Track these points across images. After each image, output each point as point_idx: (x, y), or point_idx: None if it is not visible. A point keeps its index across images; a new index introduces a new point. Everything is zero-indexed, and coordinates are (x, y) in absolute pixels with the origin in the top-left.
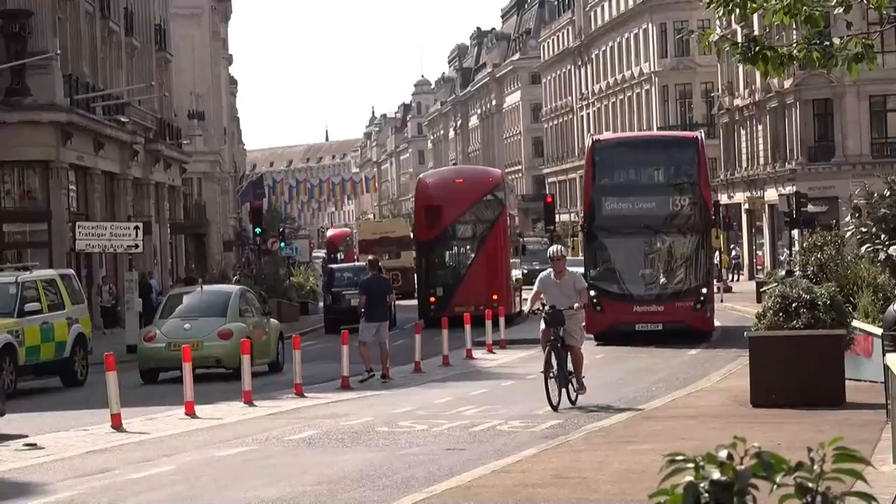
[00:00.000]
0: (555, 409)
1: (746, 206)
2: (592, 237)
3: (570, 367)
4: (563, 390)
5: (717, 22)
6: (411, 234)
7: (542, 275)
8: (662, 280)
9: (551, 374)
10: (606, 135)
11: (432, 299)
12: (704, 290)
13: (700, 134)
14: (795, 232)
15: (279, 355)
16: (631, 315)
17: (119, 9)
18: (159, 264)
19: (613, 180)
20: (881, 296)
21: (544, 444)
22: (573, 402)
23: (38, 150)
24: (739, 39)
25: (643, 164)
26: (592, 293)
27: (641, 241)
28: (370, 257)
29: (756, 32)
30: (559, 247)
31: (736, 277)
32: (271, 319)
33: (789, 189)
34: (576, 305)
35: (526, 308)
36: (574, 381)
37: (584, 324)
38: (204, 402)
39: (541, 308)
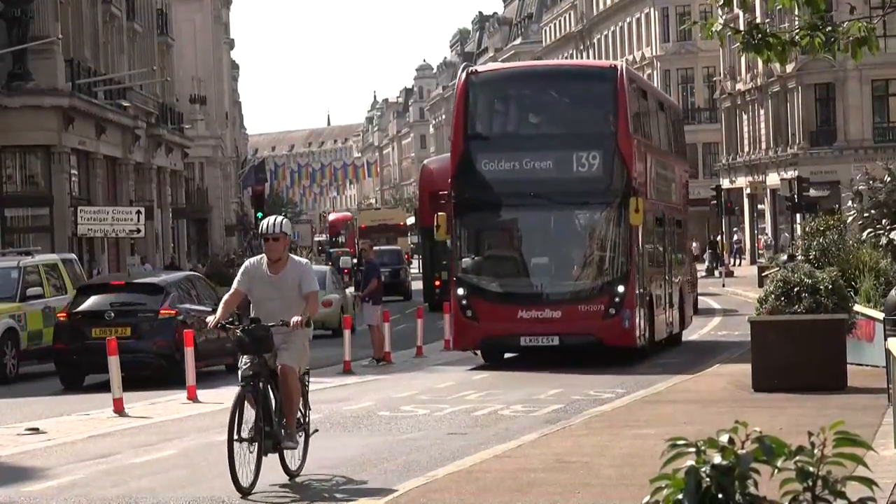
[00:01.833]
0: (245, 494)
1: (748, 190)
2: (461, 211)
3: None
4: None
5: (720, 11)
6: (408, 222)
7: (247, 263)
8: (561, 274)
9: (241, 436)
10: (486, 65)
11: (437, 283)
12: (622, 289)
13: (622, 65)
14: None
15: None
16: (515, 324)
17: None
18: (161, 249)
19: (493, 130)
20: (883, 280)
21: (546, 428)
22: (293, 474)
23: (40, 135)
24: (741, 26)
25: (536, 106)
26: (461, 292)
27: (532, 218)
28: (362, 244)
29: (758, 20)
30: (279, 218)
31: (738, 262)
32: None
33: (791, 174)
34: (294, 320)
35: (210, 320)
36: (286, 431)
37: (309, 340)
38: (206, 388)
39: (234, 322)
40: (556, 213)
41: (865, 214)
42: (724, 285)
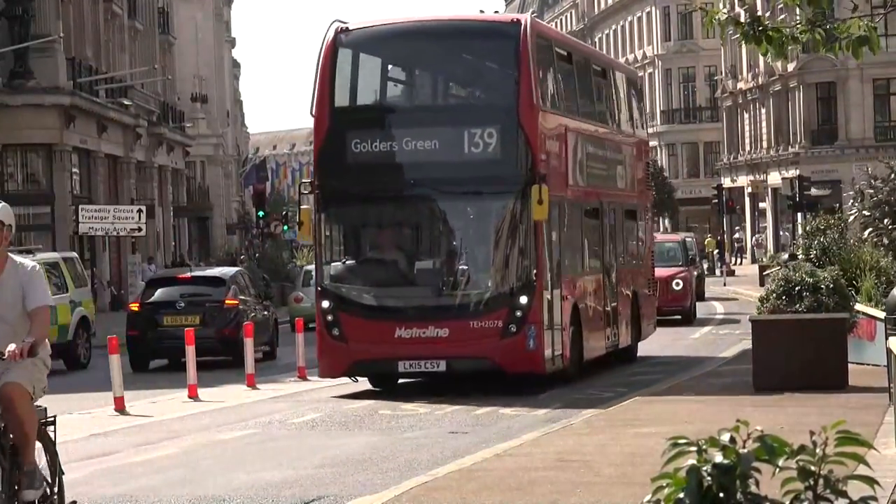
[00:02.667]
0: None
1: (749, 189)
2: (326, 205)
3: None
4: None
5: (721, 3)
6: None
7: None
8: (450, 282)
9: None
10: (360, 21)
11: None
12: (524, 300)
13: (528, 18)
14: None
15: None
16: (392, 345)
17: None
18: (162, 248)
19: (365, 101)
20: (884, 279)
21: (547, 427)
22: None
23: (42, 133)
24: (743, 20)
25: (420, 71)
26: (326, 305)
27: (413, 212)
28: None
29: (759, 13)
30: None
31: (739, 261)
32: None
33: (792, 172)
34: (9, 349)
35: None
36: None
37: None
38: (206, 386)
39: None
40: (443, 206)
41: (866, 213)
42: (725, 284)
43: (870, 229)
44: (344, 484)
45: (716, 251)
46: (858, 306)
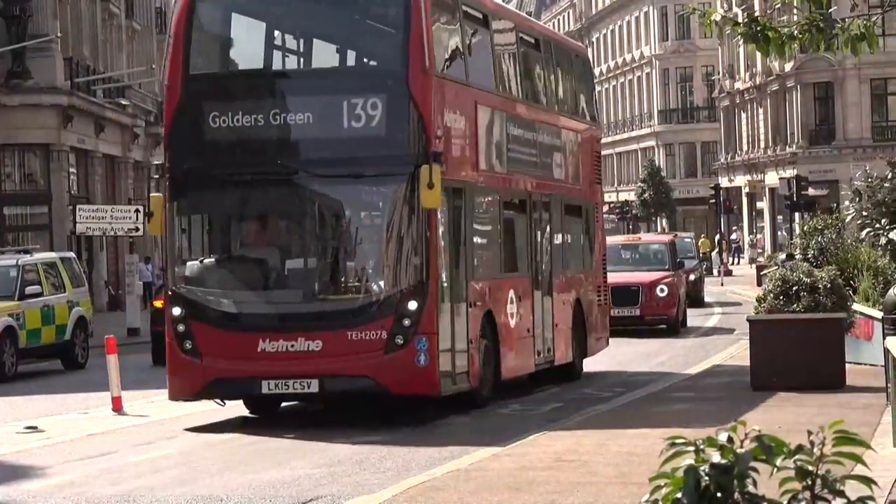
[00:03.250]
0: None
1: (747, 189)
2: (178, 192)
3: None
4: None
5: (719, 3)
6: None
7: None
8: (323, 285)
9: None
10: None
11: None
12: (414, 306)
13: None
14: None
15: None
16: (253, 361)
17: None
18: (159, 247)
19: (224, 67)
20: (881, 279)
21: (545, 427)
22: None
23: (39, 133)
24: (740, 20)
25: (290, 32)
26: (177, 312)
27: (280, 200)
28: None
29: (757, 14)
30: None
31: (736, 261)
32: None
33: (790, 172)
34: None
35: None
36: None
37: None
38: None
39: None
40: (318, 192)
41: (864, 213)
42: (722, 284)
43: (867, 229)
44: (341, 484)
45: (715, 251)
46: (856, 306)
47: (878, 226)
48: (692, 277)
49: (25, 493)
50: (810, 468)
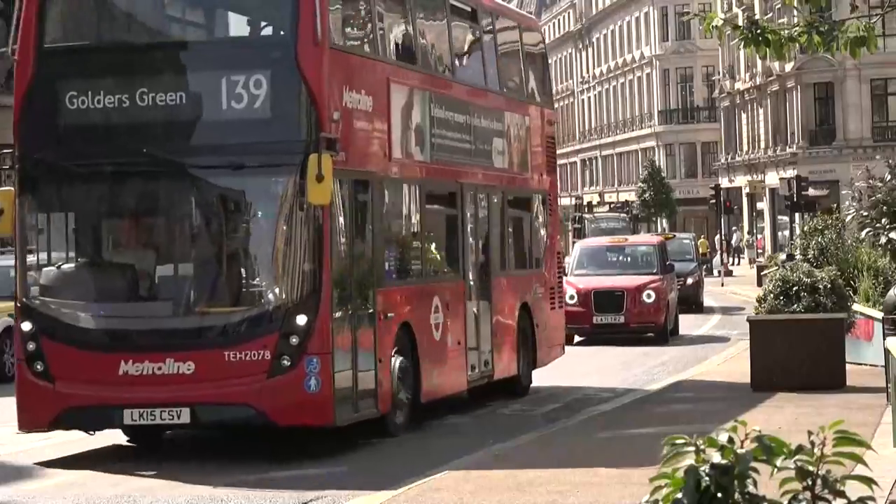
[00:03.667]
0: None
1: (747, 189)
2: (29, 185)
3: None
4: None
5: (720, 5)
6: None
7: None
8: (197, 295)
9: None
10: None
11: None
12: (303, 320)
13: None
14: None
15: None
16: (114, 386)
17: None
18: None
19: (83, 39)
20: (881, 279)
21: (545, 427)
22: None
23: None
24: (741, 22)
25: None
26: (27, 328)
27: (147, 195)
28: None
29: (757, 16)
30: None
31: (736, 261)
32: None
33: (790, 173)
34: None
35: None
36: None
37: None
38: None
39: None
40: (190, 187)
41: (864, 213)
42: (722, 285)
43: (867, 229)
44: (343, 484)
45: (719, 251)
46: (856, 306)
47: (878, 226)
48: (689, 281)
49: (25, 494)
50: (811, 468)
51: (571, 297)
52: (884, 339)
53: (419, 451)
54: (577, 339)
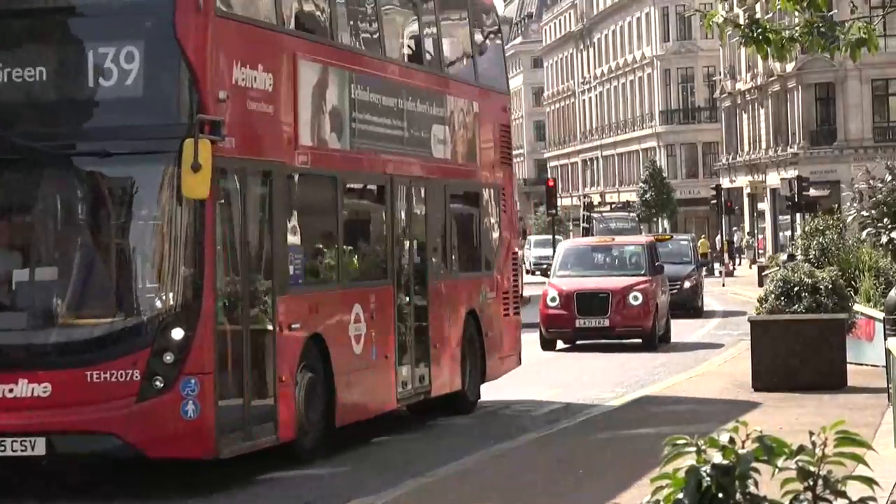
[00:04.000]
0: None
1: (748, 190)
2: None
3: None
4: None
5: (721, 5)
6: None
7: None
8: (54, 304)
9: None
10: None
11: None
12: (178, 335)
13: None
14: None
15: None
16: None
17: None
18: None
19: None
20: (882, 280)
21: (546, 428)
22: None
23: None
24: (742, 22)
25: None
26: None
27: (1, 186)
28: None
29: (758, 16)
30: None
31: (739, 262)
32: None
33: (791, 173)
34: None
35: None
36: None
37: None
38: None
39: None
40: (48, 177)
41: (865, 214)
42: (724, 285)
43: (868, 229)
44: (344, 484)
45: (721, 252)
46: (857, 307)
47: (879, 226)
48: (686, 285)
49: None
50: (812, 469)
51: (553, 300)
52: (885, 339)
53: (419, 452)
54: (560, 344)
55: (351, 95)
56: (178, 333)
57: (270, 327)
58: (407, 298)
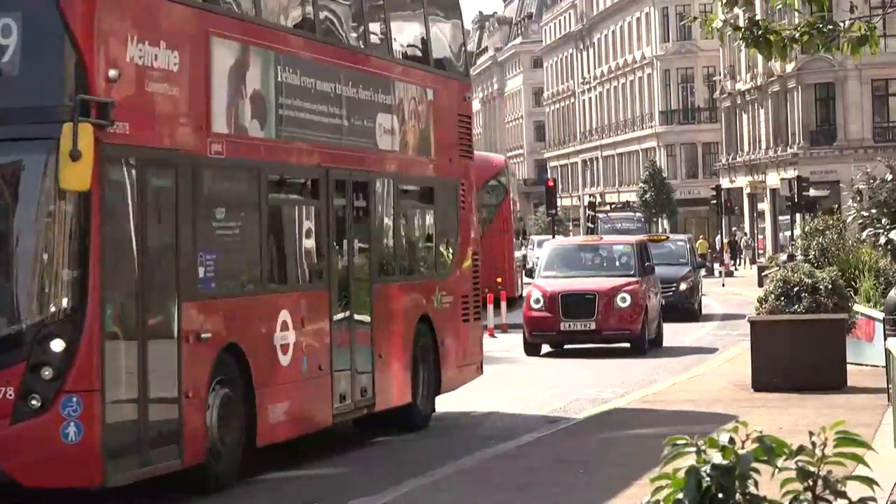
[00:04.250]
0: None
1: (748, 190)
2: None
3: None
4: None
5: (720, 7)
6: None
7: None
8: None
9: None
10: None
11: None
12: (58, 346)
13: None
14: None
15: None
16: None
17: None
18: None
19: None
20: (882, 280)
21: (546, 428)
22: None
23: None
24: (742, 24)
25: None
26: None
27: None
28: None
29: (758, 17)
30: None
31: (741, 264)
32: None
33: (791, 173)
34: None
35: None
36: None
37: None
38: None
39: None
40: None
41: (865, 214)
42: (723, 285)
43: (868, 230)
44: (344, 484)
45: (725, 251)
46: (857, 307)
47: (878, 226)
48: (682, 287)
49: None
50: (812, 469)
51: (537, 301)
52: (885, 339)
53: (419, 453)
54: (545, 349)
55: (277, 79)
56: (57, 345)
57: (174, 337)
58: (346, 304)
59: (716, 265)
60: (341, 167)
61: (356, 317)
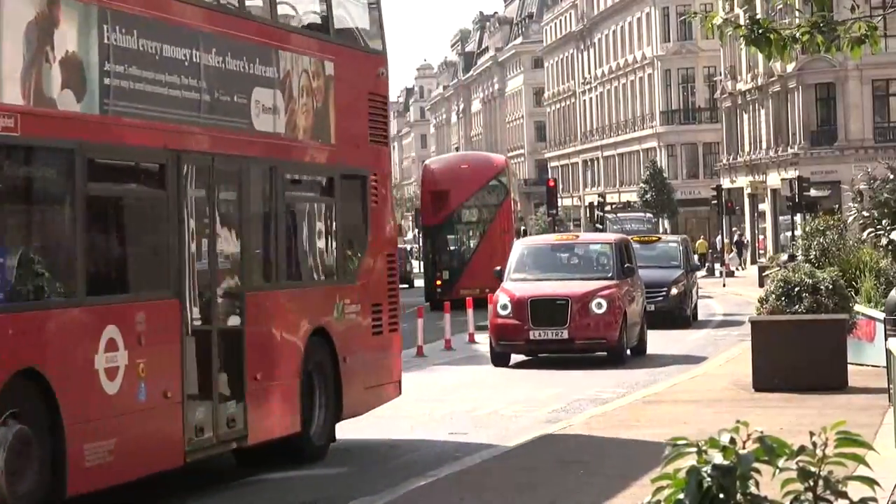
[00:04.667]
0: None
1: (749, 190)
2: None
3: None
4: None
5: (721, 5)
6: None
7: None
8: None
9: None
10: None
11: (438, 282)
12: None
13: None
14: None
15: None
16: None
17: None
18: None
19: None
20: (883, 280)
21: (546, 428)
22: None
23: None
24: (742, 22)
25: None
26: None
27: None
28: None
29: (759, 16)
30: None
31: (744, 266)
32: None
33: (792, 173)
34: None
35: None
36: None
37: None
38: None
39: None
40: None
41: (865, 214)
42: (724, 285)
43: (869, 230)
44: (344, 484)
45: (726, 251)
46: (858, 307)
47: (879, 226)
48: (674, 291)
49: None
50: (812, 469)
51: (504, 307)
52: (885, 339)
53: (419, 452)
54: (514, 358)
55: (104, 40)
56: None
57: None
58: (206, 316)
59: (716, 265)
60: (198, 151)
61: (221, 332)
